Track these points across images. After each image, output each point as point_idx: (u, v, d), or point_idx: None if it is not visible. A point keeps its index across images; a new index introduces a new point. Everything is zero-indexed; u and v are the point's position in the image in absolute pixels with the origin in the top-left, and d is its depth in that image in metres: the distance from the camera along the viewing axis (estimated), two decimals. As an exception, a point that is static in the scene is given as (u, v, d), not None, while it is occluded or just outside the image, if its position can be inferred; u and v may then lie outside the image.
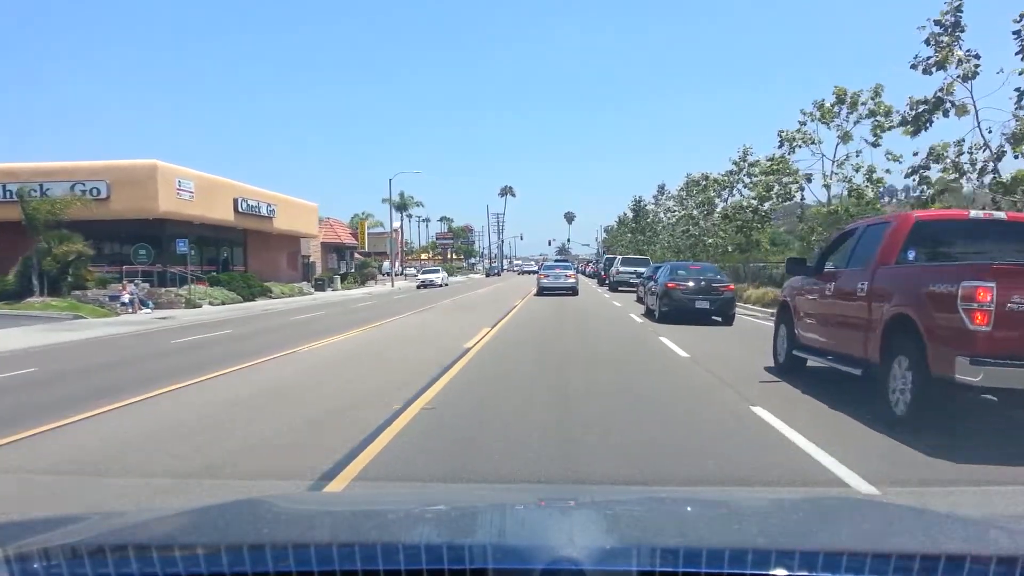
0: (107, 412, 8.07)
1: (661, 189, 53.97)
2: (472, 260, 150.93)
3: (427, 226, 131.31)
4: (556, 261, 66.10)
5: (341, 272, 55.84)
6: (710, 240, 35.63)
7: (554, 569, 1.45)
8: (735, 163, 34.58)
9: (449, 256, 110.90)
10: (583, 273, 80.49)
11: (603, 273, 49.46)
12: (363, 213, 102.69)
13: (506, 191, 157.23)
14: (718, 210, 36.97)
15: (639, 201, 63.77)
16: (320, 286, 46.85)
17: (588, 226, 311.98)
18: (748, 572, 1.46)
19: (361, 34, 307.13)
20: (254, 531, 2.03)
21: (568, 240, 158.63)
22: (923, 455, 5.87)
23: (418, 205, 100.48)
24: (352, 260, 77.63)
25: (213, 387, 9.77)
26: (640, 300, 28.16)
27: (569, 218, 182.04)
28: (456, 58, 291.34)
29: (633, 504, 2.62)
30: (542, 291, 35.90)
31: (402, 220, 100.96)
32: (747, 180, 32.98)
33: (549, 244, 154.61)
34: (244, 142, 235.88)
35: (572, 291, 35.83)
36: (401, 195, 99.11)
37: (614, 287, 39.97)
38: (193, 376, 10.49)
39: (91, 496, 5.17)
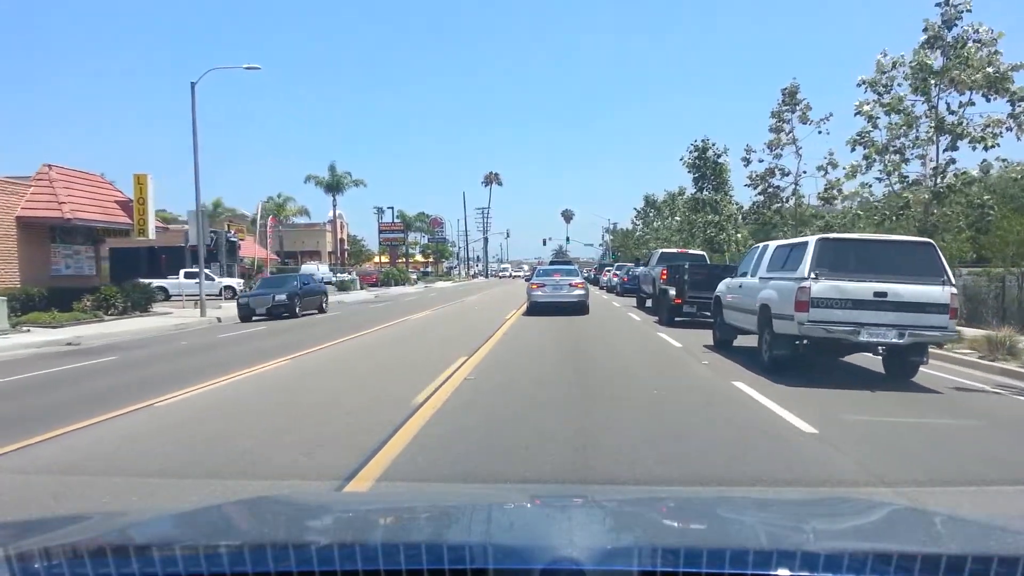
0: None
1: (789, 96, 24.34)
2: (451, 263, 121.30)
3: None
4: (554, 264, 36.99)
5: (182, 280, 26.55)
6: None
7: (554, 569, 1.43)
8: None
9: (403, 258, 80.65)
10: (596, 283, 50.67)
11: (675, 294, 19.50)
12: (279, 196, 73.26)
13: (491, 179, 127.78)
14: None
15: (703, 149, 34.00)
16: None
17: (588, 227, 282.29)
18: (750, 572, 1.43)
19: (353, 30, 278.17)
20: (255, 531, 2.06)
21: (567, 240, 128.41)
22: None
23: (357, 184, 70.84)
24: (231, 255, 48.69)
25: None
26: None
27: (567, 216, 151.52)
28: (447, 52, 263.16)
29: (633, 504, 2.60)
30: (535, 307, 22.64)
31: (335, 205, 71.36)
32: None
33: (544, 244, 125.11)
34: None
35: (579, 308, 22.26)
36: (332, 169, 69.58)
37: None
38: None
39: None
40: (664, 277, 21.35)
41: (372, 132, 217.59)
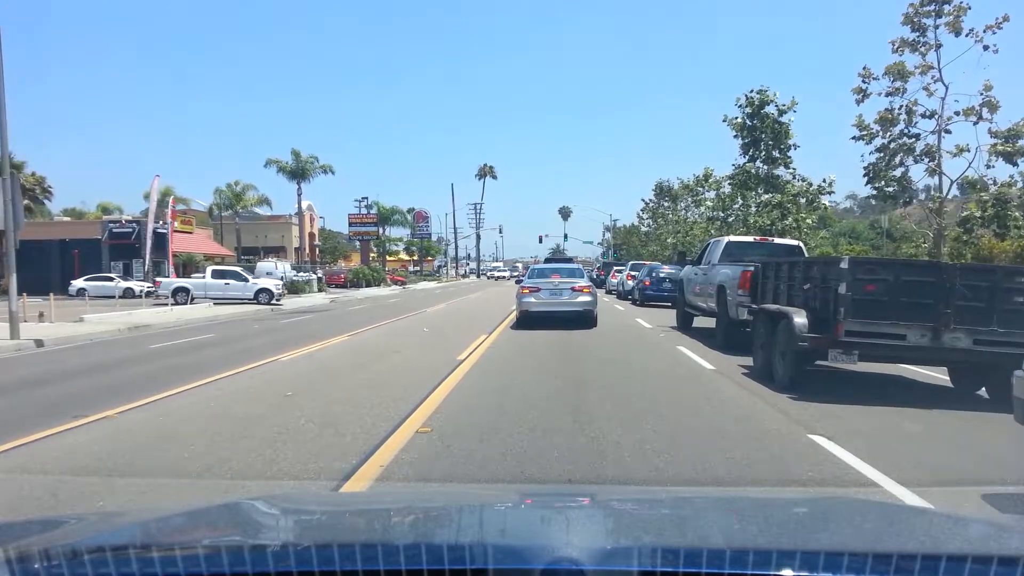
0: None
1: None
2: (440, 261, 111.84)
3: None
4: (552, 262, 28.06)
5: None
6: None
7: (554, 569, 1.42)
8: None
9: (379, 255, 71.18)
10: (601, 285, 40.73)
11: (805, 325, 8.98)
12: (236, 183, 63.72)
13: (485, 172, 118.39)
14: None
15: (760, 104, 24.62)
16: None
17: (586, 224, 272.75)
18: (749, 572, 1.41)
19: (352, 28, 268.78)
20: (255, 531, 2.04)
21: (565, 237, 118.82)
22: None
23: (325, 171, 61.54)
24: (159, 250, 40.15)
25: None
26: None
27: (565, 213, 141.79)
28: (442, 48, 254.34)
29: (633, 504, 2.56)
30: (526, 319, 17.99)
31: (299, 194, 61.94)
32: None
33: (540, 241, 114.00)
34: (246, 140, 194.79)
35: (584, 319, 17.58)
36: (296, 154, 60.20)
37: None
38: None
39: None
40: (747, 286, 11.94)
41: (366, 129, 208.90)
